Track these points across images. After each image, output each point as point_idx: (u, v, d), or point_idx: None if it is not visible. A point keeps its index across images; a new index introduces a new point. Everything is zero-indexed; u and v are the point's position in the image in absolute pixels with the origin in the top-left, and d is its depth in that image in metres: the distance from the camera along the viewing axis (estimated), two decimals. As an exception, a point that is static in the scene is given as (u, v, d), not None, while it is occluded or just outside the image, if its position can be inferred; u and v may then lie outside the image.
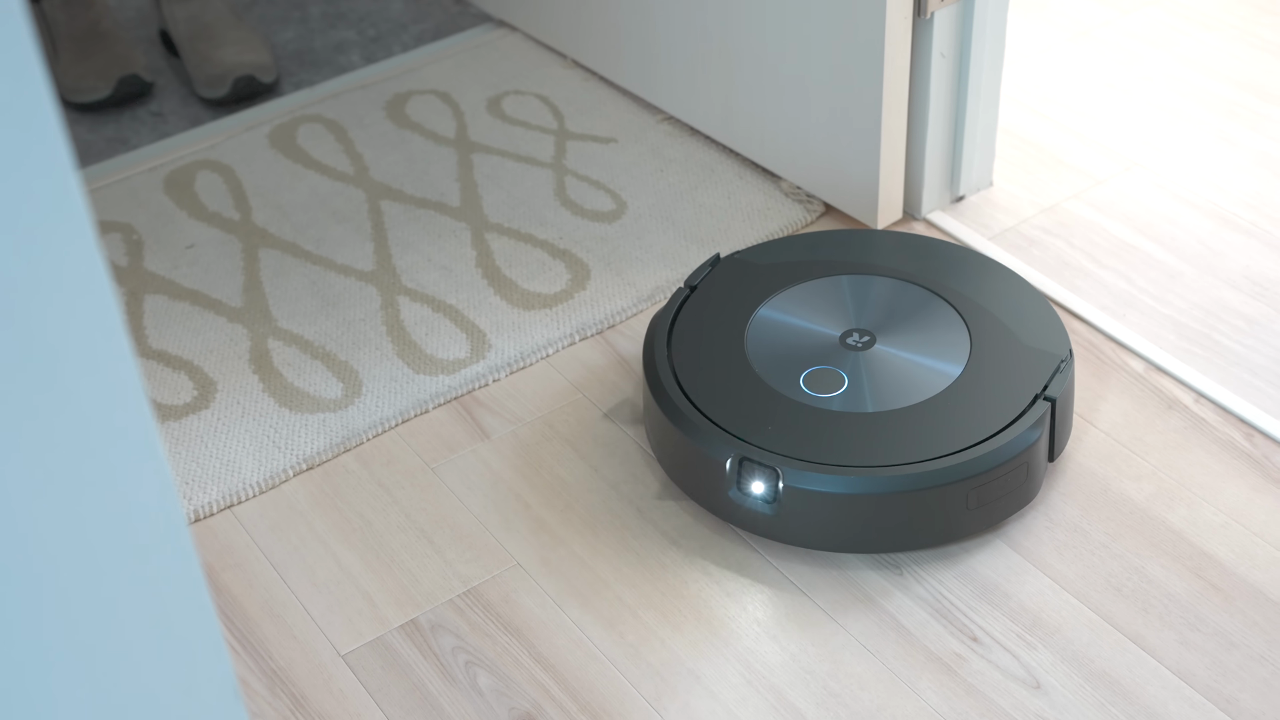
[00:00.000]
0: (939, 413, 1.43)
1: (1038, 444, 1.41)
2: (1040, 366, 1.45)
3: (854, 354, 1.49)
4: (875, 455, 1.39)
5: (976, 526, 1.41)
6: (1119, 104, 2.01)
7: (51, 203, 0.62)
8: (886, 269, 1.58)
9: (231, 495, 1.51)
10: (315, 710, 1.31)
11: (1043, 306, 1.53)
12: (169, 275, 1.79)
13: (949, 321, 1.52)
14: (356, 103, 2.06)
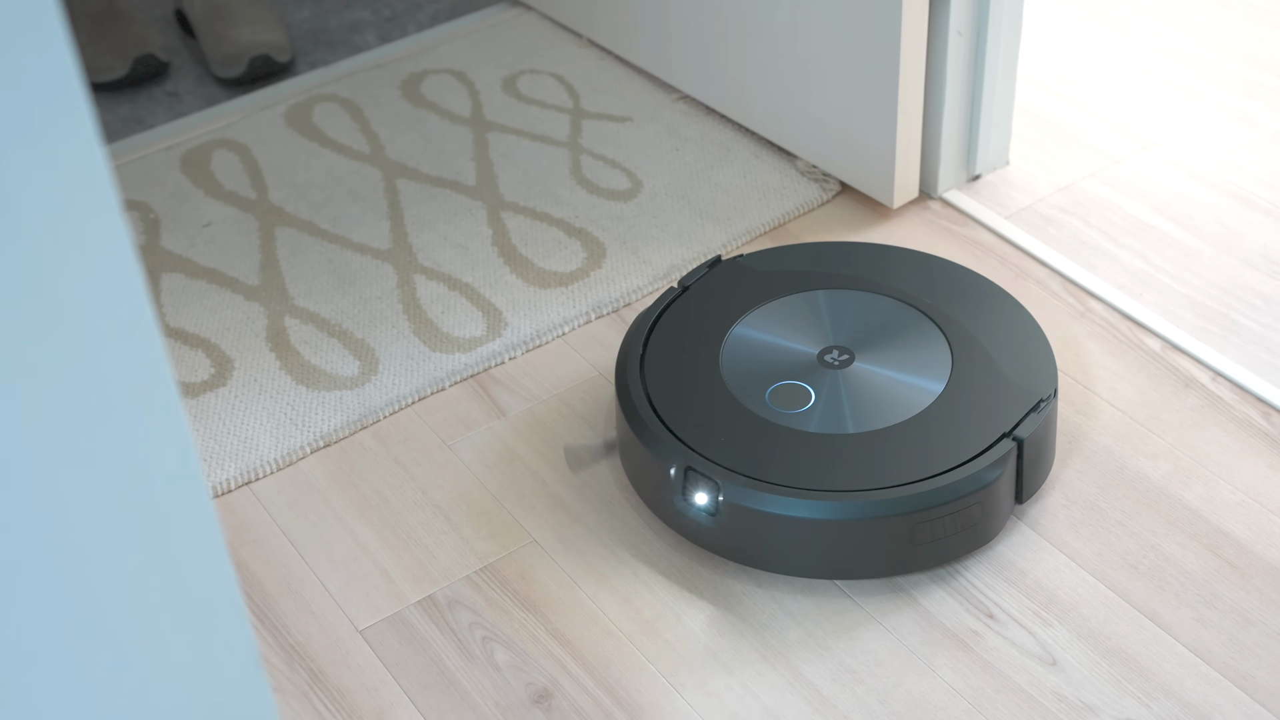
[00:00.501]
0: (902, 440, 1.38)
1: (995, 485, 1.34)
2: (1017, 402, 1.39)
3: (831, 371, 1.45)
4: (821, 478, 1.34)
5: (923, 563, 1.36)
6: (1136, 82, 2.00)
7: (79, 177, 0.62)
8: (889, 287, 1.53)
9: (249, 472, 1.52)
10: (333, 685, 1.32)
11: (1037, 340, 1.47)
12: (186, 254, 1.79)
13: (934, 346, 1.47)
14: (372, 82, 2.07)
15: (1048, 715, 1.26)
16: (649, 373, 1.46)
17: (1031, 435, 1.37)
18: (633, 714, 1.28)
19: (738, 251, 1.76)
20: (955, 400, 1.42)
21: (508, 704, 1.29)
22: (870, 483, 1.34)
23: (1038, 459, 1.41)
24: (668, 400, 1.43)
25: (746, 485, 1.34)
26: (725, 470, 1.35)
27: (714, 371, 1.46)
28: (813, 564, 1.37)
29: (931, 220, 1.79)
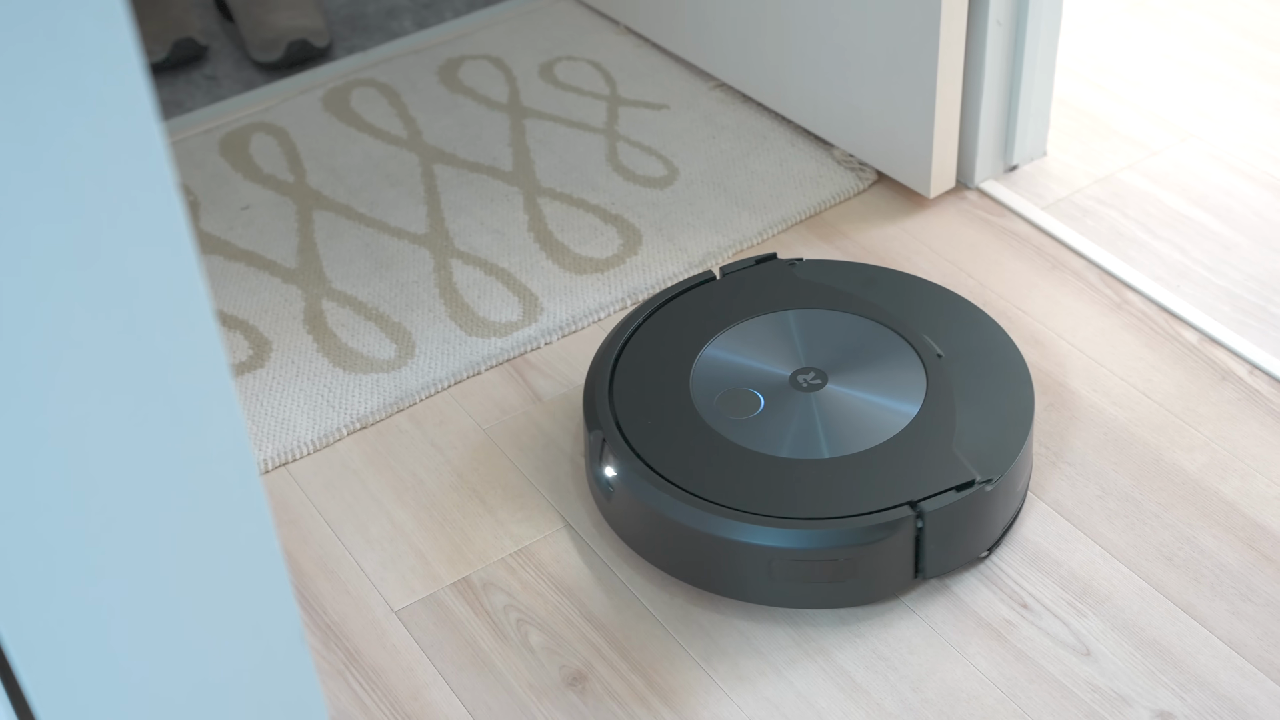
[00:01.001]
0: (815, 475, 1.34)
1: (872, 548, 1.29)
2: (949, 473, 1.32)
3: (801, 393, 1.42)
4: (709, 486, 1.33)
5: (783, 599, 1.32)
6: (1175, 74, 1.99)
7: (136, 151, 0.63)
8: (908, 326, 1.47)
9: (286, 453, 1.53)
10: (369, 665, 1.33)
11: (1019, 419, 1.38)
12: (224, 236, 1.81)
13: (910, 390, 1.41)
14: (409, 67, 2.07)
15: (1081, 705, 1.26)
16: (627, 353, 1.47)
17: (941, 513, 1.30)
18: (666, 698, 1.29)
19: (774, 239, 1.76)
20: (891, 452, 1.35)
21: (541, 686, 1.30)
22: (749, 505, 1.31)
23: (948, 537, 1.32)
24: (628, 378, 1.44)
25: (637, 471, 1.35)
26: (629, 452, 1.36)
27: (683, 366, 1.45)
28: (676, 565, 1.35)
29: (968, 210, 1.78)
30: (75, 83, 0.60)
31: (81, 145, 0.61)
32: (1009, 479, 1.35)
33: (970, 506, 1.32)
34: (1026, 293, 1.66)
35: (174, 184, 0.64)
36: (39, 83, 0.59)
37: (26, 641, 0.72)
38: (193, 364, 0.69)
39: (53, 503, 0.69)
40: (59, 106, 0.60)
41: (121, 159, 0.63)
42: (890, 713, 1.26)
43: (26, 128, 0.60)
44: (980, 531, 1.35)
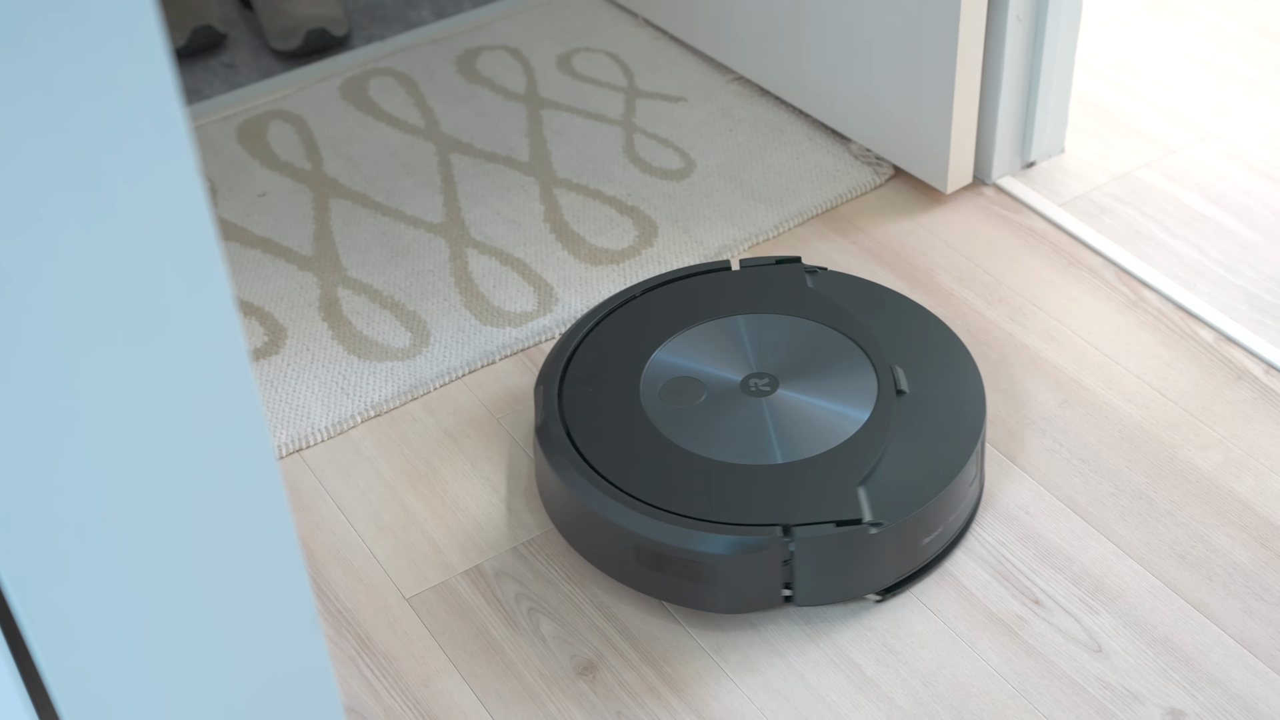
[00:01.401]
0: (719, 475, 1.34)
1: (733, 560, 1.28)
2: (838, 506, 1.30)
3: (750, 397, 1.41)
4: (609, 465, 1.34)
5: (647, 586, 1.33)
6: (1194, 72, 1.99)
7: (158, 133, 0.63)
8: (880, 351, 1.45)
9: (300, 439, 1.53)
10: (380, 651, 1.33)
11: (940, 479, 1.32)
12: (241, 223, 1.81)
13: (850, 415, 1.39)
14: (427, 57, 2.07)
15: (1092, 702, 1.26)
16: (593, 334, 1.47)
17: (814, 543, 1.27)
18: (676, 689, 1.29)
19: (790, 233, 1.76)
20: (800, 472, 1.33)
21: (552, 675, 1.30)
22: (634, 490, 1.32)
23: (823, 569, 1.29)
24: (590, 353, 1.46)
25: (554, 439, 1.37)
26: (557, 419, 1.39)
27: (641, 351, 1.45)
28: (569, 534, 1.38)
29: (985, 206, 1.78)
30: (100, 64, 0.60)
31: (105, 127, 0.62)
32: (905, 529, 1.30)
33: (849, 545, 1.28)
34: (1043, 289, 1.66)
35: (196, 166, 0.65)
36: (64, 64, 0.60)
37: (43, 623, 0.72)
38: (212, 346, 0.69)
39: (70, 483, 0.69)
40: (83, 88, 0.61)
41: (144, 141, 0.63)
42: (901, 706, 1.26)
43: (51, 109, 0.60)
44: (863, 573, 1.31)
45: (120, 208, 0.64)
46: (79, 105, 0.61)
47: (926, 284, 1.68)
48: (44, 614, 0.72)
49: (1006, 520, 1.41)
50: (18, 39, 0.58)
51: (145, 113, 0.62)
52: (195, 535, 0.75)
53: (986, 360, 1.58)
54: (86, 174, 0.62)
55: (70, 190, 0.62)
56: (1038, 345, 1.59)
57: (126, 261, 0.65)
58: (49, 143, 0.61)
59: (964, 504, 1.37)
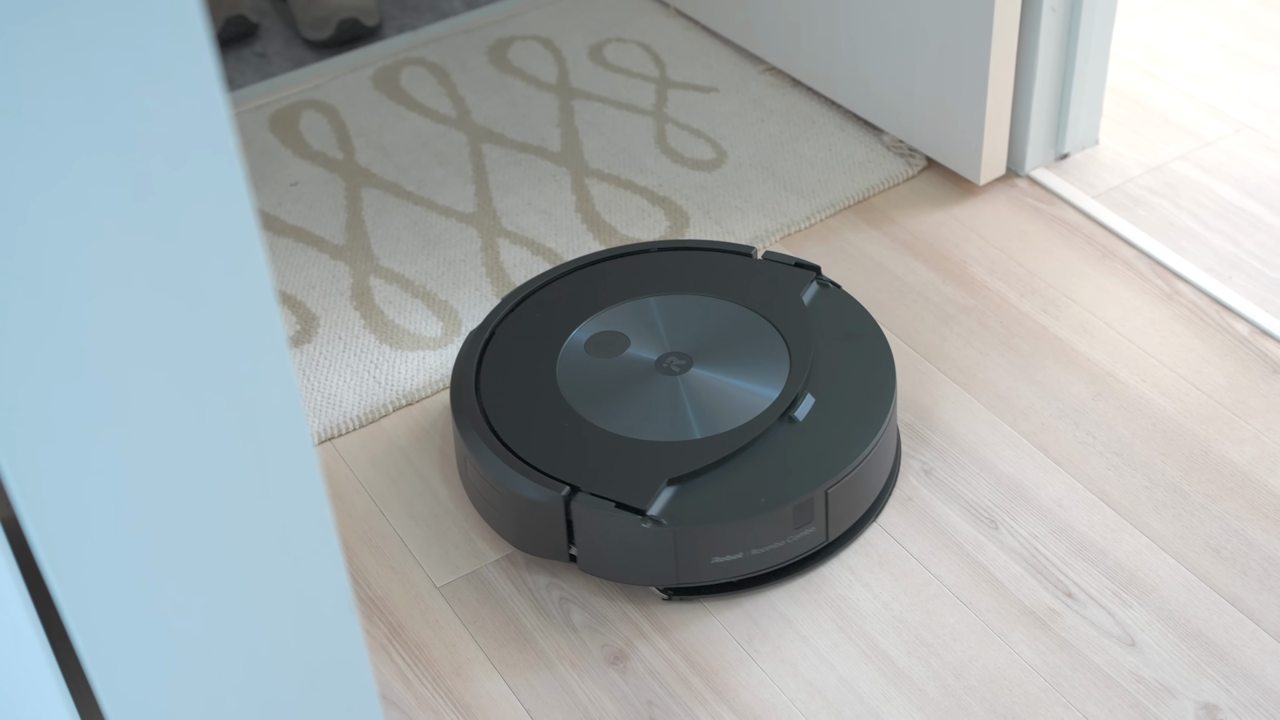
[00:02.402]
0: (574, 427, 1.37)
1: (526, 504, 1.32)
2: (633, 489, 1.30)
3: (669, 377, 1.42)
4: (502, 427, 1.38)
5: (501, 530, 1.38)
6: (1229, 64, 1.97)
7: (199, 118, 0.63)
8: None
9: (332, 428, 1.53)
10: (411, 639, 1.33)
11: (747, 510, 1.30)
12: (273, 211, 1.81)
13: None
14: (459, 47, 2.08)
15: (1125, 696, 1.25)
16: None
17: (591, 514, 1.29)
18: (707, 678, 1.29)
19: (822, 224, 1.75)
20: (633, 448, 1.35)
21: (583, 664, 1.30)
22: (518, 448, 1.36)
23: (602, 546, 1.31)
24: (521, 317, 1.49)
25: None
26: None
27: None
28: (483, 511, 1.41)
29: (1018, 198, 1.77)
30: (142, 50, 0.61)
31: (147, 113, 0.62)
32: (687, 539, 1.29)
33: (619, 528, 1.29)
34: (1076, 282, 1.65)
35: (237, 153, 0.65)
36: (107, 50, 0.60)
37: (82, 610, 0.73)
38: (251, 334, 0.69)
39: (110, 472, 0.69)
40: (126, 74, 0.61)
41: (186, 127, 0.63)
42: (932, 699, 1.26)
43: (94, 95, 0.60)
44: (640, 563, 1.31)
45: (162, 194, 0.64)
46: (122, 91, 0.61)
47: (959, 276, 1.67)
48: (83, 601, 0.73)
49: (1039, 513, 1.40)
50: (61, 25, 0.59)
51: (187, 99, 0.62)
52: (234, 522, 0.75)
53: (1020, 352, 1.57)
54: (129, 161, 0.62)
55: (112, 177, 0.62)
56: (1071, 338, 1.58)
57: (168, 248, 0.65)
58: (92, 129, 0.61)
59: (783, 544, 1.32)
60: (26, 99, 0.59)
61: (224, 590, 0.77)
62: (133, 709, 0.78)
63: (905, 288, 1.66)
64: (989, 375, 1.55)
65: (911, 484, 1.44)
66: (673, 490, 1.32)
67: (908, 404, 1.52)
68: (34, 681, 0.81)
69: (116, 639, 0.75)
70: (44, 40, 0.58)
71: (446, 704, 1.28)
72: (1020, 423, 1.49)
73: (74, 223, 0.62)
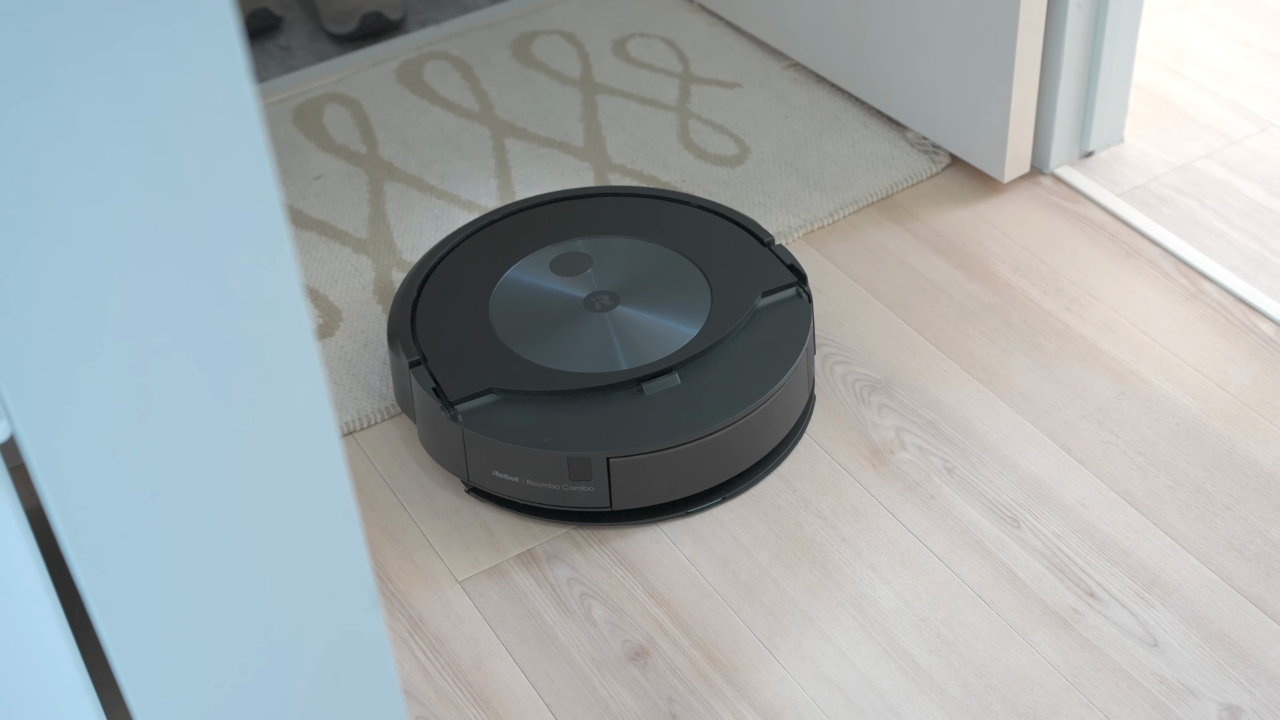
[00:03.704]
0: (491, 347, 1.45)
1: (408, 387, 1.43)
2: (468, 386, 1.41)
3: (597, 313, 1.49)
4: (436, 360, 1.44)
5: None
6: (1256, 63, 1.96)
7: (228, 109, 0.63)
8: None
9: (354, 421, 1.54)
10: (432, 633, 1.34)
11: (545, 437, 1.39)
12: (296, 205, 1.82)
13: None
14: (483, 41, 2.08)
15: (1147, 696, 1.25)
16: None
17: (470, 412, 1.39)
18: (727, 675, 1.29)
19: (845, 220, 1.75)
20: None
21: (604, 659, 1.30)
22: (419, 336, 1.46)
23: (427, 433, 1.43)
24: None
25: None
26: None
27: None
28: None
29: (1042, 196, 1.77)
30: (171, 41, 0.61)
31: (177, 104, 0.62)
32: (473, 439, 1.38)
33: (430, 410, 1.41)
34: (1100, 280, 1.65)
35: (265, 144, 0.65)
36: (136, 40, 0.60)
37: (108, 600, 0.73)
38: (278, 325, 0.69)
39: (138, 461, 0.70)
40: (155, 65, 0.61)
41: (215, 118, 0.63)
42: (953, 698, 1.26)
43: (123, 86, 0.60)
44: (439, 446, 1.43)
45: (191, 186, 0.64)
46: (152, 84, 0.61)
47: (983, 273, 1.67)
48: (107, 591, 0.73)
49: (1062, 512, 1.40)
50: (93, 17, 0.59)
51: (217, 91, 0.62)
52: (259, 515, 0.75)
53: (1043, 351, 1.56)
54: (158, 153, 0.62)
55: (142, 169, 0.62)
56: (1095, 336, 1.58)
57: (196, 240, 0.65)
58: (122, 121, 0.61)
59: (558, 488, 1.38)
60: (59, 91, 0.59)
61: (248, 582, 0.77)
62: (156, 700, 0.78)
63: (929, 285, 1.66)
64: (1012, 373, 1.54)
65: (934, 482, 1.44)
66: (493, 399, 1.40)
67: (929, 401, 1.52)
68: (57, 671, 0.81)
69: (140, 629, 0.75)
70: (76, 32, 0.59)
71: (467, 698, 1.28)
72: (1043, 421, 1.49)
73: (103, 214, 0.63)
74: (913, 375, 1.55)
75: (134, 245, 0.64)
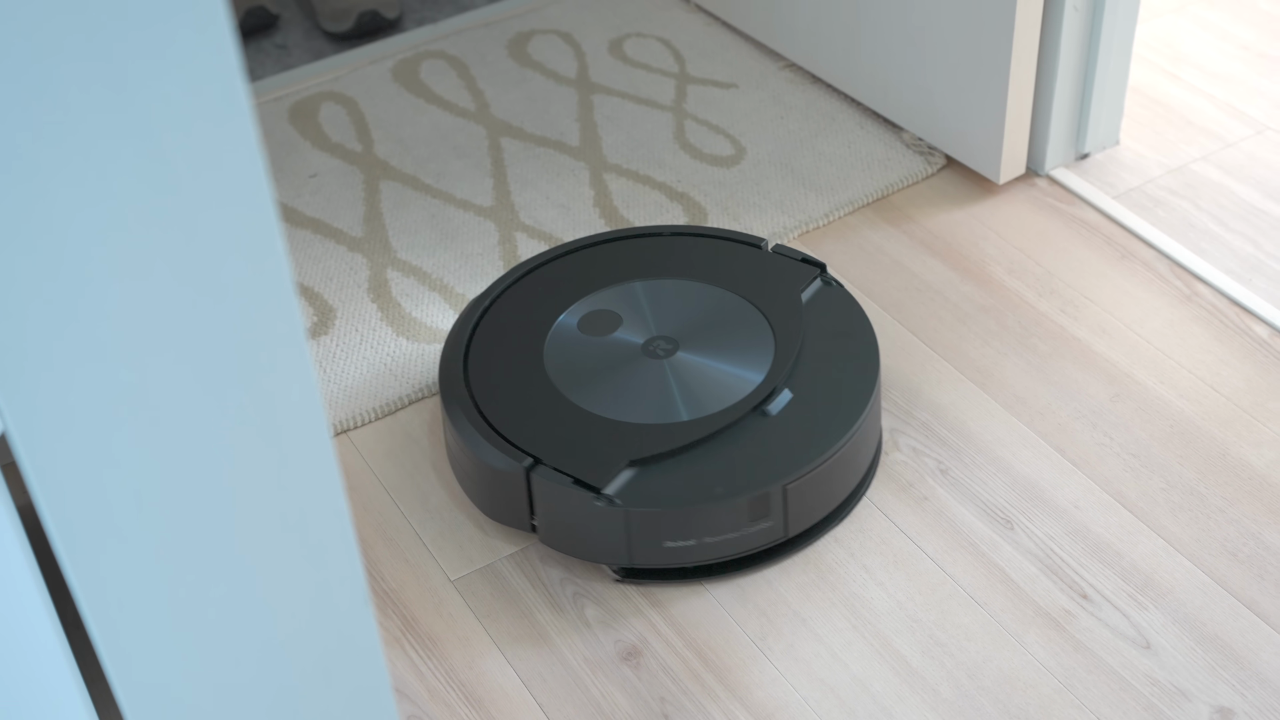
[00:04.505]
0: (568, 414, 1.38)
1: (492, 474, 1.34)
2: (598, 468, 1.32)
3: (655, 360, 1.43)
4: (505, 420, 1.37)
5: (472, 496, 1.40)
6: (1252, 66, 1.97)
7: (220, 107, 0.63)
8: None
9: (348, 420, 1.54)
10: (425, 632, 1.34)
11: (720, 497, 1.31)
12: (291, 203, 1.82)
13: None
14: (479, 40, 2.07)
15: (1139, 698, 1.25)
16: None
17: (549, 488, 1.31)
18: (720, 675, 1.29)
19: (841, 221, 1.75)
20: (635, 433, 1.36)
21: (596, 659, 1.30)
22: (492, 418, 1.37)
23: (559, 520, 1.33)
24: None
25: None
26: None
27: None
28: (460, 479, 1.42)
29: (1037, 198, 1.77)
30: (165, 39, 0.61)
31: (170, 102, 0.62)
32: (640, 521, 1.30)
33: (574, 504, 1.31)
34: (1095, 282, 1.65)
35: (258, 143, 0.65)
36: (129, 38, 0.60)
37: (98, 598, 0.73)
38: (270, 324, 0.69)
39: (128, 459, 0.69)
40: (149, 62, 0.61)
41: (208, 116, 0.63)
42: (945, 699, 1.26)
43: (116, 84, 0.60)
44: (595, 541, 1.33)
45: (183, 184, 0.64)
46: (144, 81, 0.61)
47: (978, 275, 1.67)
48: (99, 589, 0.73)
49: (1055, 514, 1.40)
50: (85, 14, 0.59)
51: (210, 89, 0.62)
52: (251, 513, 0.75)
53: (1037, 353, 1.57)
54: (150, 150, 0.62)
55: (133, 166, 0.62)
56: (1089, 338, 1.58)
57: (188, 238, 0.65)
58: (114, 118, 0.61)
59: (738, 535, 1.32)
60: (51, 87, 0.59)
61: (240, 581, 0.77)
62: (148, 698, 0.78)
63: (923, 286, 1.66)
64: (1006, 375, 1.54)
65: (928, 483, 1.44)
66: (633, 472, 1.32)
67: (924, 402, 1.52)
68: (49, 670, 0.81)
69: (131, 628, 0.75)
70: (68, 30, 0.58)
71: (459, 697, 1.28)
72: (1037, 423, 1.49)
73: (94, 211, 0.62)
74: (907, 376, 1.55)
75: (125, 242, 0.64)
